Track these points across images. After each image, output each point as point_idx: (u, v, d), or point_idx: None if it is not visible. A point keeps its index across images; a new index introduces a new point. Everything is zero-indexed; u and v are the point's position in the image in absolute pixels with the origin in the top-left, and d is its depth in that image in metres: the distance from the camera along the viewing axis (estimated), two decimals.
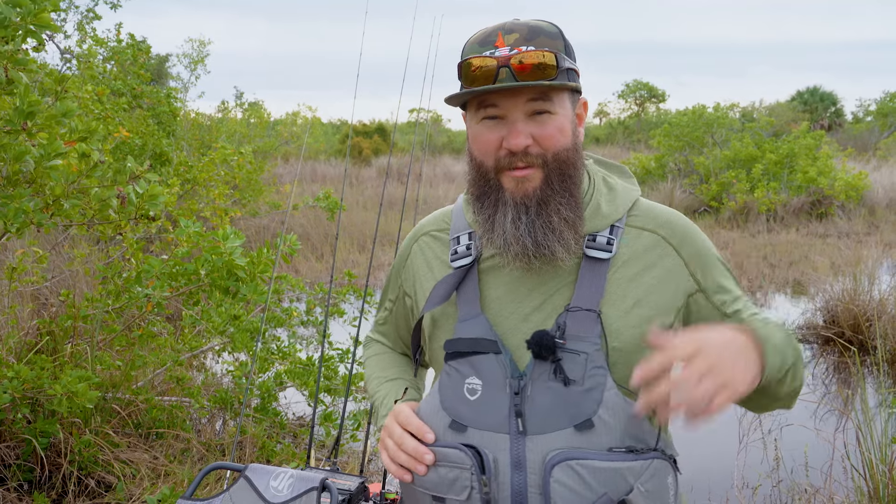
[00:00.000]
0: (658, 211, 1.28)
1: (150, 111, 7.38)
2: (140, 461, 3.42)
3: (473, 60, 1.17)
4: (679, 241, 1.24)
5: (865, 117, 32.42)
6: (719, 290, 1.24)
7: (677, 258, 1.23)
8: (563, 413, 1.11)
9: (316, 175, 17.88)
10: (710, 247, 1.29)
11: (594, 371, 1.12)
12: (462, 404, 1.18)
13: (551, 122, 1.17)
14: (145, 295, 3.10)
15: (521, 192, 1.18)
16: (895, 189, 14.51)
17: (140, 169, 2.79)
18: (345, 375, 4.08)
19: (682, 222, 1.28)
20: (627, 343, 1.16)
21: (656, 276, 1.21)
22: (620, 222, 1.24)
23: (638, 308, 1.18)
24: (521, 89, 1.16)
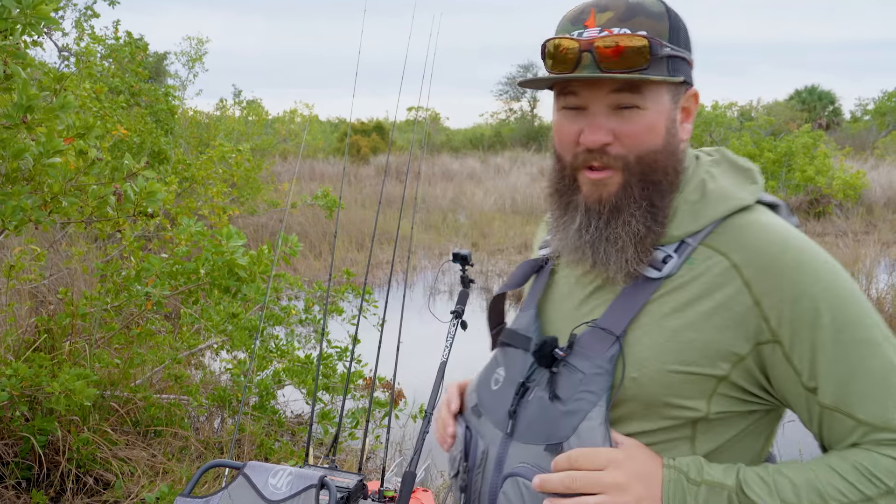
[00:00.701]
0: (752, 232, 1.01)
1: (149, 109, 7.38)
2: (138, 459, 3.41)
3: (557, 41, 1.02)
4: (757, 272, 0.98)
5: (863, 116, 32.46)
6: (814, 363, 0.96)
7: (744, 293, 0.97)
8: (542, 428, 1.04)
9: (314, 173, 17.87)
10: (839, 304, 0.96)
11: (583, 395, 1.01)
12: (487, 391, 1.16)
13: (638, 119, 1.01)
14: (145, 293, 3.10)
15: (596, 197, 1.05)
16: (893, 188, 14.54)
17: (137, 166, 2.78)
18: (343, 373, 4.08)
19: (786, 255, 0.98)
20: (650, 378, 0.99)
21: (707, 310, 0.99)
22: (695, 238, 1.03)
23: (673, 342, 0.99)
24: (604, 79, 1.01)
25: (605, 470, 0.96)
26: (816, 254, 1.00)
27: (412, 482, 2.00)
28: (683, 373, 0.99)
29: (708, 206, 1.05)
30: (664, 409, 1.00)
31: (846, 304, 0.96)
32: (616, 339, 1.01)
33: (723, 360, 0.98)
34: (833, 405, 0.96)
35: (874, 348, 0.95)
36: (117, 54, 7.09)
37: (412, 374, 3.24)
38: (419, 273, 9.68)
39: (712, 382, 0.99)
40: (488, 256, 10.55)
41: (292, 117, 15.55)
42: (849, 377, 0.95)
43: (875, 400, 0.94)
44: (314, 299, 4.73)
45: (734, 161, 1.13)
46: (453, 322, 2.27)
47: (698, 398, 0.99)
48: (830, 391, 0.95)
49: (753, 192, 1.07)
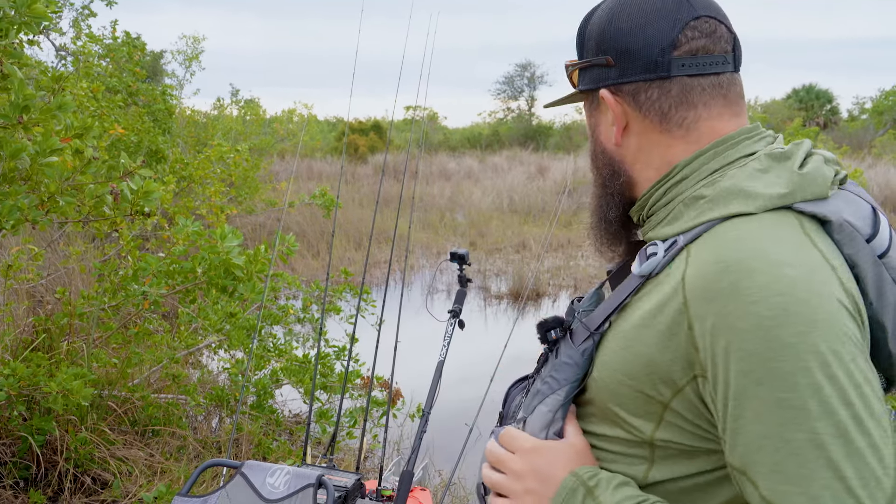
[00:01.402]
0: (717, 243, 0.86)
1: (146, 108, 7.37)
2: (136, 458, 3.42)
3: None
4: (694, 293, 0.84)
5: (861, 115, 32.50)
6: (725, 413, 0.82)
7: (682, 313, 0.85)
8: (530, 399, 1.06)
9: (312, 172, 17.87)
10: (768, 352, 0.78)
11: (549, 379, 1.00)
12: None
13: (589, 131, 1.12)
14: (142, 293, 3.10)
15: None
16: (890, 187, 14.57)
17: (134, 165, 2.78)
18: (341, 373, 4.08)
19: (724, 278, 0.82)
20: (604, 383, 0.94)
21: (657, 325, 0.88)
22: (685, 237, 0.91)
23: (626, 352, 0.92)
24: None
25: (514, 454, 0.99)
26: (771, 282, 0.79)
27: (410, 481, 2.01)
28: (629, 387, 0.91)
29: (710, 203, 0.91)
30: (615, 420, 0.95)
31: (778, 354, 0.78)
32: (590, 334, 0.98)
33: (663, 385, 0.88)
34: (741, 468, 0.81)
35: (798, 416, 0.77)
36: (115, 54, 7.09)
37: (410, 374, 3.25)
38: (417, 272, 9.69)
39: (657, 406, 0.89)
40: (486, 255, 10.56)
41: (290, 117, 15.54)
42: (759, 442, 0.79)
43: (783, 479, 0.77)
44: (312, 298, 4.73)
45: (790, 165, 0.91)
46: (451, 321, 2.28)
47: (645, 419, 0.91)
48: (738, 451, 0.81)
49: (773, 198, 0.87)
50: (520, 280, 9.00)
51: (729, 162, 0.96)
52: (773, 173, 0.90)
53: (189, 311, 3.77)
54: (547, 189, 15.45)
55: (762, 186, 0.89)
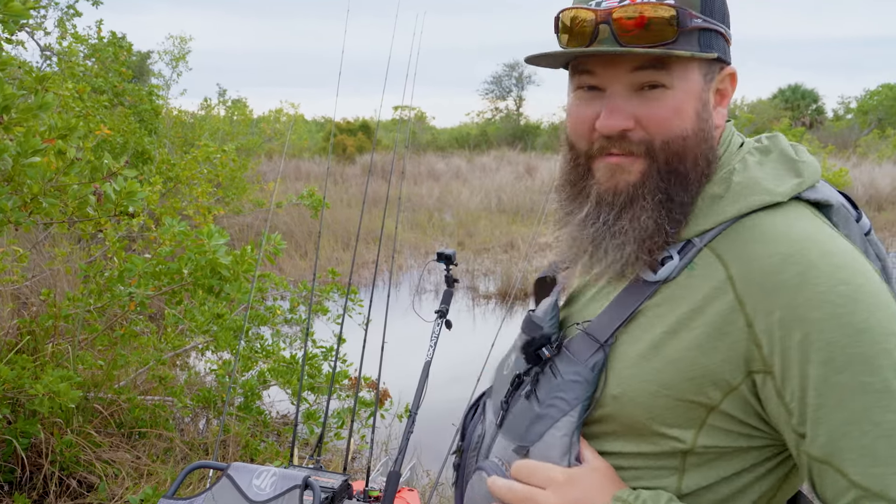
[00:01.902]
0: (758, 237, 0.85)
1: (132, 109, 7.33)
2: (122, 461, 3.39)
3: (570, 12, 0.91)
4: (751, 288, 0.83)
5: (846, 115, 32.77)
6: (803, 406, 0.80)
7: (737, 311, 0.83)
8: (519, 426, 0.96)
9: (300, 173, 17.82)
10: (844, 339, 0.78)
11: (556, 401, 0.92)
12: (499, 375, 1.09)
13: (664, 100, 0.88)
14: (128, 294, 3.08)
15: (611, 186, 0.92)
16: (874, 186, 14.70)
17: (117, 166, 2.77)
18: (328, 373, 4.07)
19: (787, 269, 0.81)
20: (632, 398, 0.88)
21: (698, 329, 0.85)
22: (703, 238, 0.89)
23: (658, 361, 0.87)
24: (625, 55, 0.87)
25: (544, 489, 0.89)
26: (834, 271, 0.80)
27: (397, 481, 2.01)
28: (667, 397, 0.86)
29: (726, 201, 0.89)
30: (646, 434, 0.89)
31: (856, 339, 0.78)
32: (600, 346, 0.90)
33: (712, 388, 0.84)
34: (823, 458, 0.80)
35: (885, 399, 0.77)
36: (100, 54, 7.04)
37: (397, 374, 3.25)
38: (405, 272, 9.68)
39: (701, 411, 0.86)
40: (474, 255, 10.57)
41: (278, 117, 15.50)
42: (844, 428, 0.78)
43: (874, 461, 0.77)
44: (299, 299, 4.72)
45: (785, 150, 0.94)
46: (438, 322, 2.28)
47: (685, 427, 0.86)
48: (820, 441, 0.79)
49: (792, 187, 0.89)
50: (508, 280, 9.01)
51: (731, 156, 0.95)
52: (769, 165, 0.92)
53: (175, 312, 3.75)
54: (535, 189, 15.48)
55: (772, 180, 0.90)
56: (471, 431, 1.09)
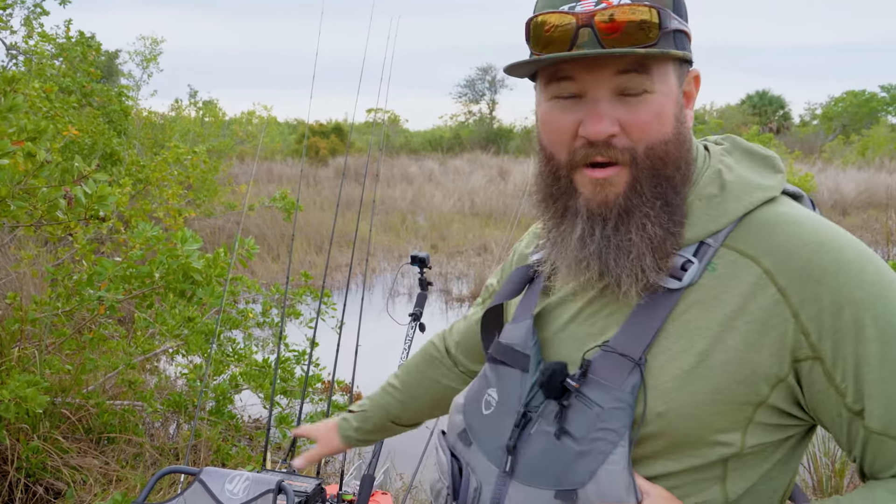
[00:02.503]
0: (782, 229, 0.87)
1: (101, 110, 7.23)
2: (90, 467, 3.35)
3: (545, 17, 0.87)
4: (792, 278, 0.84)
5: (812, 121, 33.41)
6: (859, 382, 0.83)
7: (781, 304, 0.84)
8: (550, 469, 0.88)
9: (272, 175, 17.70)
10: (887, 313, 0.82)
11: (602, 433, 0.86)
12: (476, 415, 1.00)
13: (647, 105, 0.86)
14: (98, 297, 3.04)
15: (600, 200, 0.89)
16: (839, 191, 15.01)
17: (88, 169, 2.73)
18: (301, 377, 4.05)
19: (823, 256, 0.84)
20: (678, 412, 0.85)
21: (740, 327, 0.85)
22: (715, 238, 0.89)
23: (703, 368, 0.85)
24: (608, 59, 0.85)
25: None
26: (858, 252, 0.85)
27: (371, 485, 2.01)
28: (717, 402, 0.84)
29: (728, 200, 0.90)
30: (694, 447, 0.87)
31: (895, 312, 0.82)
32: (636, 364, 0.86)
33: (762, 384, 0.84)
34: (882, 430, 0.82)
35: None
36: (68, 53, 6.94)
37: (371, 377, 3.24)
38: (378, 275, 9.66)
39: (749, 410, 0.85)
40: (447, 258, 10.58)
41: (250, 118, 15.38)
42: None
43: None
44: (272, 302, 4.69)
45: (749, 148, 0.97)
46: (411, 325, 2.29)
47: (733, 431, 0.86)
48: (878, 414, 0.82)
49: (780, 181, 0.92)
50: (481, 283, 9.04)
51: (702, 158, 0.96)
52: (746, 164, 0.94)
53: (146, 315, 3.71)
54: (508, 192, 15.55)
55: (759, 176, 0.92)
56: (464, 489, 0.97)
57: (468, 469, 0.97)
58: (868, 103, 31.97)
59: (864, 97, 32.20)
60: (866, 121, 30.77)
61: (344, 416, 1.44)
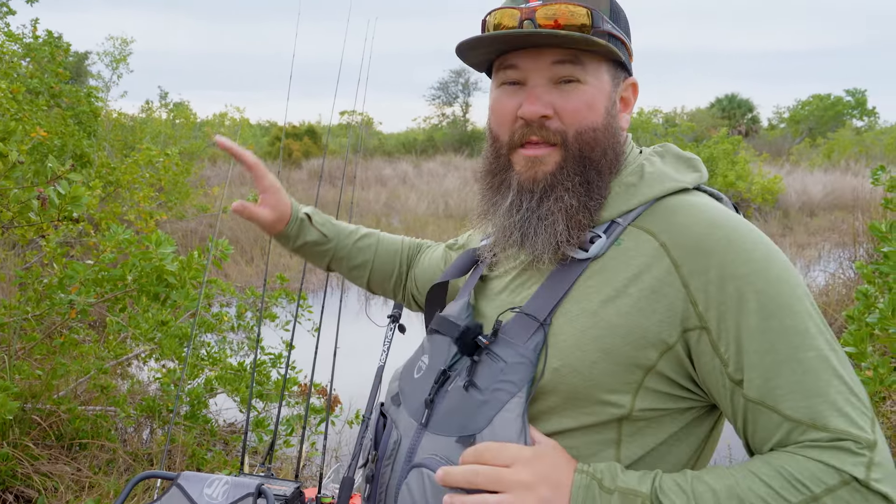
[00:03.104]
0: (682, 211, 0.97)
1: (70, 111, 7.11)
2: (62, 474, 3.29)
3: (497, 13, 1.01)
4: (685, 252, 0.92)
5: (780, 124, 33.98)
6: (740, 353, 0.89)
7: (673, 274, 0.92)
8: (457, 418, 0.96)
9: (245, 178, 17.52)
10: (769, 289, 0.89)
11: (502, 384, 0.94)
12: (408, 380, 1.09)
13: (579, 94, 0.98)
14: (69, 301, 2.99)
15: (530, 176, 1.00)
16: (807, 193, 15.27)
17: (62, 169, 2.69)
18: (277, 380, 4.03)
19: (714, 233, 0.92)
20: (572, 368, 0.93)
21: (634, 293, 0.93)
22: (625, 218, 0.99)
23: (596, 329, 0.93)
24: (545, 49, 0.97)
25: (510, 467, 0.89)
26: (749, 233, 0.93)
27: (351, 488, 2.00)
28: (607, 362, 0.92)
29: (643, 187, 1.01)
30: (586, 404, 0.94)
31: (777, 289, 0.89)
32: (539, 325, 0.95)
33: (650, 348, 0.91)
34: (758, 399, 0.88)
35: (806, 338, 0.88)
36: (36, 54, 6.81)
37: (347, 380, 3.24)
38: None
39: (638, 374, 0.92)
40: None
41: (222, 120, 15.24)
42: (776, 369, 0.87)
43: (803, 395, 0.86)
44: (247, 305, 4.65)
45: (679, 153, 1.08)
46: (391, 326, 2.28)
47: (622, 392, 0.92)
48: (756, 384, 0.88)
49: (695, 178, 1.03)
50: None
51: (635, 157, 1.07)
52: (671, 163, 1.05)
53: (119, 319, 3.66)
54: None
55: (677, 173, 1.03)
56: (384, 441, 1.06)
57: (392, 425, 1.07)
58: (834, 107, 32.61)
59: (830, 101, 32.84)
60: (832, 124, 31.39)
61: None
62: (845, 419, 0.85)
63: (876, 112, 33.78)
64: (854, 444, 0.85)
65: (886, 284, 2.73)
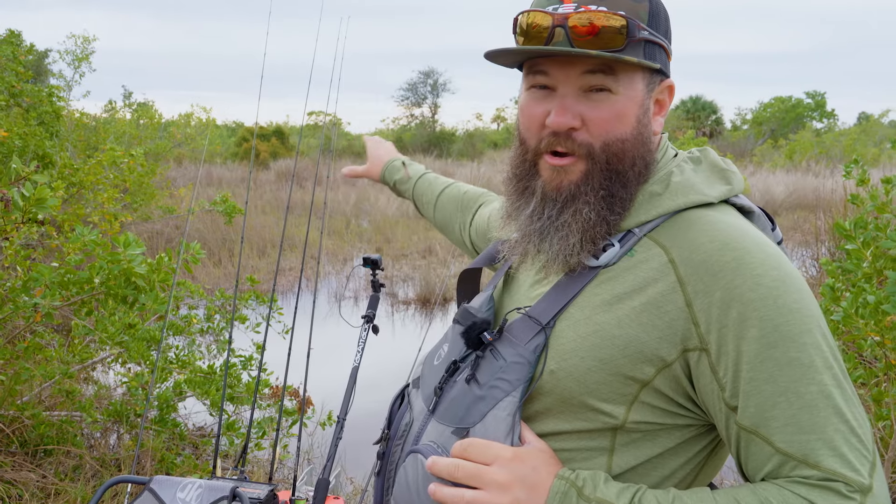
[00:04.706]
0: (698, 227, 0.94)
1: (31, 110, 6.96)
2: (26, 481, 3.22)
3: (529, 15, 0.97)
4: (692, 270, 0.90)
5: (742, 125, 34.55)
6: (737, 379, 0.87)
7: (677, 291, 0.90)
8: (457, 410, 0.99)
9: (212, 178, 17.33)
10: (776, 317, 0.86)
11: (499, 382, 0.96)
12: (429, 365, 1.12)
13: (609, 104, 0.95)
14: (33, 304, 2.93)
15: (555, 185, 0.99)
16: (770, 193, 15.56)
17: (26, 170, 2.63)
18: (248, 383, 3.99)
19: (725, 254, 0.89)
20: (568, 372, 0.93)
21: (636, 306, 0.92)
22: (642, 229, 0.97)
23: (596, 337, 0.93)
24: (577, 58, 0.94)
25: (490, 465, 0.91)
26: (765, 258, 0.89)
27: (326, 489, 1.99)
28: (602, 371, 0.92)
29: (666, 198, 0.98)
30: (579, 409, 0.94)
31: (786, 318, 0.86)
32: (542, 328, 0.96)
33: (646, 363, 0.91)
34: (751, 427, 0.86)
35: (808, 372, 0.85)
36: None
37: (319, 381, 3.22)
38: (323, 279, 9.57)
39: (633, 387, 0.91)
40: (393, 262, 10.55)
41: (188, 120, 15.02)
42: (773, 399, 0.85)
43: (798, 429, 0.84)
44: (216, 308, 4.60)
45: (715, 161, 1.04)
46: (364, 327, 2.27)
47: (616, 403, 0.92)
48: (750, 412, 0.86)
49: (723, 192, 0.99)
50: (427, 285, 9.04)
51: (667, 162, 1.04)
52: (702, 173, 1.02)
53: (85, 323, 3.59)
54: None
55: (705, 184, 1.00)
56: (397, 420, 1.10)
57: (408, 406, 1.10)
58: (795, 109, 33.26)
59: (791, 103, 33.48)
60: (793, 126, 32.01)
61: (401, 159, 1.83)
62: (840, 460, 0.83)
63: (835, 114, 34.58)
64: (845, 486, 0.82)
65: (849, 281, 2.79)
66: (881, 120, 30.30)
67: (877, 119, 30.77)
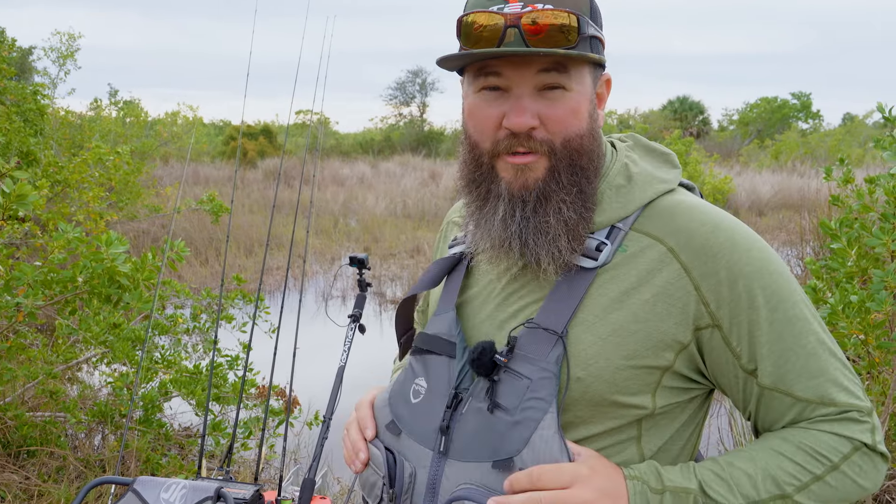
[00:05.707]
0: (682, 213, 0.98)
1: (15, 108, 6.89)
2: (9, 482, 3.19)
3: (476, 16, 0.94)
4: (693, 255, 0.94)
5: (729, 126, 34.76)
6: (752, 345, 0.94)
7: (684, 277, 0.94)
8: (486, 442, 0.94)
9: (198, 177, 17.24)
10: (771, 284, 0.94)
11: (532, 402, 0.92)
12: (404, 405, 1.05)
13: (564, 101, 0.94)
14: (16, 304, 2.90)
15: (520, 184, 0.97)
16: (755, 192, 15.65)
17: (7, 167, 2.60)
18: (234, 383, 3.96)
19: (718, 236, 0.95)
20: (596, 377, 0.93)
21: (648, 299, 0.94)
22: (625, 223, 0.99)
23: (617, 336, 0.94)
24: (531, 58, 0.93)
25: (571, 488, 0.88)
26: (746, 232, 0.97)
27: (311, 489, 1.98)
28: (629, 367, 0.93)
29: (635, 189, 1.00)
30: (611, 410, 0.94)
31: (777, 282, 0.95)
32: (559, 337, 0.94)
33: (667, 350, 0.94)
34: (772, 385, 0.94)
35: (805, 325, 0.95)
36: None
37: (306, 381, 3.20)
38: (310, 278, 9.54)
39: (657, 374, 0.95)
40: (380, 261, 10.54)
41: (174, 119, 14.94)
42: (786, 356, 0.93)
43: (811, 376, 0.93)
44: (202, 307, 4.57)
45: (649, 145, 1.08)
46: (351, 326, 2.26)
47: (644, 393, 0.95)
48: (769, 371, 0.94)
49: (676, 175, 1.04)
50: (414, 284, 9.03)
51: (610, 153, 1.06)
52: (648, 159, 1.06)
53: (69, 322, 3.56)
54: (440, 194, 15.60)
55: (659, 171, 1.04)
56: (399, 476, 1.01)
57: (400, 457, 1.02)
58: (780, 109, 33.51)
59: (777, 104, 33.74)
60: (779, 126, 32.24)
61: None
62: (846, 392, 0.95)
63: (820, 115, 34.90)
64: (858, 413, 0.94)
65: (834, 280, 2.81)
66: (866, 121, 30.56)
67: (861, 120, 31.04)
